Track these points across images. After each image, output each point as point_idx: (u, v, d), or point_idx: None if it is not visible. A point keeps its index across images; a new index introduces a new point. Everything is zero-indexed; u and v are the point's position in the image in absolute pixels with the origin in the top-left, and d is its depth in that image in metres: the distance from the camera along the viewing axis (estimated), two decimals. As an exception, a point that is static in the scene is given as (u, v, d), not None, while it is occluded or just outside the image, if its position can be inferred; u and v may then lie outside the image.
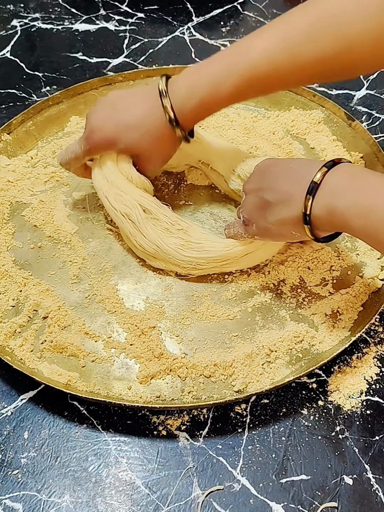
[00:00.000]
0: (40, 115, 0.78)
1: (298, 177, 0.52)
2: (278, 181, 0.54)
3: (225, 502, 0.49)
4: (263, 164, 0.59)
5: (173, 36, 0.97)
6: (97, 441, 0.53)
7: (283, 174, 0.54)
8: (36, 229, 0.67)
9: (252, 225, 0.57)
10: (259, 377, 0.55)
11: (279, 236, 0.57)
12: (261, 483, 0.50)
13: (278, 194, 0.54)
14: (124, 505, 0.49)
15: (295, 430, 0.53)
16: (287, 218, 0.53)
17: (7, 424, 0.54)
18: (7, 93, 0.87)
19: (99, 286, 0.62)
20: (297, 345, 0.57)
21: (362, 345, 0.59)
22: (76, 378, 0.55)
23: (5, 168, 0.72)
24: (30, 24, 0.99)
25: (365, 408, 0.54)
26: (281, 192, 0.53)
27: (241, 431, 0.53)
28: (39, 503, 0.49)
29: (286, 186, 0.53)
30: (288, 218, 0.53)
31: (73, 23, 1.00)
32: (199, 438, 0.53)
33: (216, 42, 0.96)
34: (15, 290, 0.61)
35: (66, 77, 0.89)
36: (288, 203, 0.52)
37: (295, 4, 0.58)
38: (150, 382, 0.55)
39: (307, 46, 0.54)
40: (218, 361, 0.56)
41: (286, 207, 0.53)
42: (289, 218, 0.53)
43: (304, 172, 0.52)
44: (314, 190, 0.50)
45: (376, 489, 0.50)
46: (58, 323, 0.59)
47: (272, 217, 0.54)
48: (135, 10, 1.02)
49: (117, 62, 0.92)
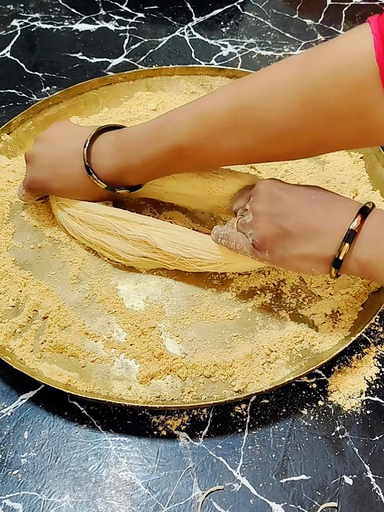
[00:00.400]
0: (40, 115, 0.78)
1: (329, 217, 0.51)
2: (301, 213, 0.52)
3: (225, 502, 0.49)
4: (271, 186, 0.56)
5: (173, 36, 0.97)
6: (97, 441, 0.53)
7: (306, 206, 0.52)
8: (36, 230, 0.67)
9: (264, 251, 0.54)
10: (259, 377, 0.55)
11: (295, 268, 0.55)
12: (261, 483, 0.50)
13: (303, 228, 0.51)
14: (124, 505, 0.49)
15: (295, 430, 0.53)
16: (312, 255, 0.51)
17: (7, 424, 0.54)
18: (7, 93, 0.87)
19: (99, 286, 0.62)
20: (297, 345, 0.57)
21: (362, 345, 0.59)
22: (76, 378, 0.55)
23: (5, 168, 0.72)
24: (30, 24, 0.99)
25: (365, 408, 0.54)
26: (307, 227, 0.51)
27: (241, 431, 0.53)
28: (39, 503, 0.49)
29: (313, 221, 0.51)
30: (313, 255, 0.51)
31: (73, 23, 1.00)
32: (199, 438, 0.53)
33: (216, 42, 0.96)
34: (15, 290, 0.61)
35: (66, 77, 0.89)
36: (317, 241, 0.51)
37: (294, 4, 0.58)
38: (150, 382, 0.55)
39: (226, 136, 0.54)
40: (218, 361, 0.56)
41: (314, 245, 0.51)
42: (315, 255, 0.51)
43: (336, 214, 0.51)
44: (351, 238, 0.49)
45: (376, 489, 0.50)
46: (58, 323, 0.59)
47: (295, 250, 0.52)
48: (135, 10, 1.02)
49: (117, 62, 0.92)
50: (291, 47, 0.95)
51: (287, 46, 0.95)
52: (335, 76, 0.48)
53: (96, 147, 0.61)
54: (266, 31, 0.98)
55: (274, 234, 0.53)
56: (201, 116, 0.55)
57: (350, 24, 0.99)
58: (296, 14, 1.00)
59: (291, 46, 0.95)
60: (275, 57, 0.93)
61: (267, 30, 0.98)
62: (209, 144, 0.55)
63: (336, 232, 0.50)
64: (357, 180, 0.71)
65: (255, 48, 0.95)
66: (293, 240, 0.52)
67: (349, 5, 1.03)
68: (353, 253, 0.50)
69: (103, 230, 0.62)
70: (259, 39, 0.96)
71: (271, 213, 0.53)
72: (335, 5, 1.03)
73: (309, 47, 0.94)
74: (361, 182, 0.71)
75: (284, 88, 0.50)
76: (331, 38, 0.95)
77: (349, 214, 0.50)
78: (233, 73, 0.82)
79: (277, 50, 0.94)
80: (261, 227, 0.54)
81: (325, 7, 1.02)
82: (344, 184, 0.71)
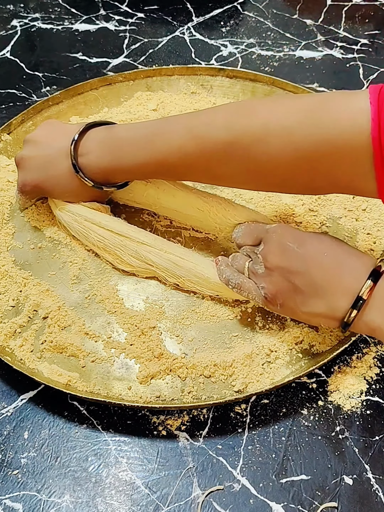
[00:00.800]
0: (40, 115, 0.78)
1: (340, 277, 0.50)
2: (312, 270, 0.51)
3: (225, 502, 0.49)
4: (284, 237, 0.54)
5: (173, 36, 0.97)
6: (97, 441, 0.53)
7: (319, 265, 0.52)
8: (36, 230, 0.67)
9: (276, 304, 0.54)
10: (259, 377, 0.55)
11: (305, 321, 0.56)
12: (261, 483, 0.50)
13: (314, 287, 0.51)
14: (124, 505, 0.49)
15: (295, 430, 0.53)
16: (321, 313, 0.51)
17: (7, 424, 0.54)
18: (7, 93, 0.87)
19: (99, 286, 0.62)
20: (297, 345, 0.57)
21: (362, 345, 0.59)
22: (76, 378, 0.55)
23: (5, 168, 0.72)
24: (30, 24, 0.99)
25: (365, 408, 0.54)
26: (318, 286, 0.51)
27: (241, 431, 0.53)
28: (39, 503, 0.49)
29: (324, 281, 0.51)
30: (323, 314, 0.51)
31: (73, 23, 1.00)
32: (199, 438, 0.53)
33: (216, 42, 0.96)
34: (15, 290, 0.61)
35: (66, 77, 0.89)
36: (327, 301, 0.51)
37: (294, 4, 0.58)
38: (150, 382, 0.55)
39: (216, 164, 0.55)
40: (218, 361, 0.56)
41: (324, 305, 0.51)
42: (323, 314, 0.51)
43: (348, 275, 0.50)
44: (360, 305, 0.49)
45: (376, 489, 0.50)
46: (58, 323, 0.59)
47: (305, 308, 0.52)
48: (135, 10, 1.02)
49: (117, 62, 0.92)
50: (291, 47, 0.95)
51: (287, 46, 0.95)
52: (331, 145, 0.48)
53: (84, 144, 0.61)
54: (266, 31, 0.98)
55: (286, 289, 0.53)
56: (195, 138, 0.54)
57: (350, 24, 0.99)
58: (296, 14, 1.00)
59: (291, 46, 0.95)
60: (275, 57, 0.93)
61: (267, 30, 0.98)
62: (199, 167, 0.56)
63: (346, 295, 0.49)
64: (357, 180, 0.71)
65: (255, 48, 0.95)
66: (304, 297, 0.52)
67: (349, 5, 1.03)
68: (362, 318, 0.49)
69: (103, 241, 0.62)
70: (259, 39, 0.96)
71: (283, 268, 0.53)
72: (335, 5, 1.03)
73: (309, 47, 0.94)
74: (361, 182, 0.71)
75: (280, 137, 0.50)
76: (331, 38, 0.96)
77: (360, 275, 0.49)
78: (233, 73, 0.82)
79: (277, 50, 0.94)
80: (274, 282, 0.53)
81: (325, 7, 1.02)
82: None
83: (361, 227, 0.67)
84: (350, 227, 0.67)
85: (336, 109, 0.48)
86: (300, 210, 0.68)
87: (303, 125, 0.49)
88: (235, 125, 0.53)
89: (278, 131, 0.50)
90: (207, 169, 0.56)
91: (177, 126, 0.56)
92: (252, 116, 0.53)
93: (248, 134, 0.52)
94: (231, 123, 0.53)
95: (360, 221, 0.67)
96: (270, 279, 0.54)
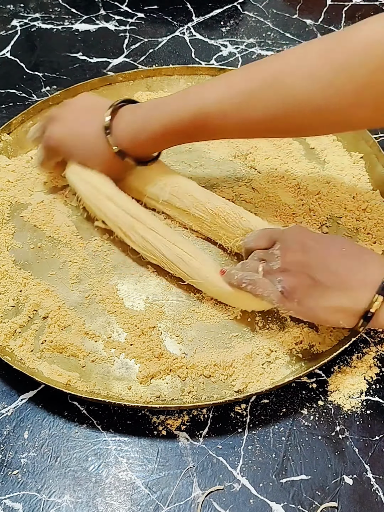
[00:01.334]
0: (40, 115, 0.78)
1: (361, 270, 0.51)
2: (332, 264, 0.51)
3: (225, 502, 0.49)
4: (302, 235, 0.55)
5: (173, 36, 0.97)
6: (97, 441, 0.53)
7: (338, 258, 0.52)
8: (36, 229, 0.67)
9: (294, 301, 0.52)
10: (259, 377, 0.55)
11: (322, 320, 0.53)
12: (261, 483, 0.50)
13: (335, 280, 0.51)
14: (124, 505, 0.49)
15: (295, 430, 0.53)
16: (343, 307, 0.51)
17: (7, 424, 0.54)
18: (7, 93, 0.87)
19: (99, 286, 0.62)
20: (297, 345, 0.57)
21: (362, 345, 0.59)
22: (76, 378, 0.55)
23: (5, 168, 0.72)
24: (30, 24, 0.99)
25: (365, 408, 0.54)
26: (339, 279, 0.51)
27: (241, 431, 0.53)
28: (39, 503, 0.49)
29: (345, 274, 0.51)
30: (344, 308, 0.51)
31: (73, 23, 1.00)
32: (199, 438, 0.53)
33: (216, 42, 0.96)
34: (15, 290, 0.61)
35: (66, 77, 0.90)
36: (348, 293, 0.50)
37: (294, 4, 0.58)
38: (150, 382, 0.55)
39: (250, 105, 0.55)
40: (218, 361, 0.56)
41: (345, 297, 0.50)
42: (345, 308, 0.51)
43: (368, 268, 0.51)
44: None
45: (376, 489, 0.50)
46: (58, 323, 0.59)
47: (326, 302, 0.51)
48: (135, 10, 1.02)
49: (117, 62, 0.92)
50: (291, 47, 0.95)
51: (287, 46, 0.95)
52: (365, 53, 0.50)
53: (118, 114, 0.62)
54: (266, 31, 0.98)
55: (305, 284, 0.51)
56: (228, 83, 0.56)
57: (350, 24, 0.99)
58: (296, 14, 1.01)
59: (291, 46, 0.95)
60: (275, 57, 0.93)
61: (267, 30, 0.98)
62: (233, 112, 0.56)
63: (368, 285, 0.50)
64: (357, 180, 0.71)
65: (255, 48, 0.95)
66: (324, 291, 0.51)
67: (349, 5, 1.03)
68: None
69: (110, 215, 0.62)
70: (259, 39, 0.96)
71: (303, 262, 0.52)
72: (335, 5, 1.03)
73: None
74: (361, 182, 0.71)
75: (317, 57, 0.53)
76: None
77: (380, 267, 0.50)
78: (233, 73, 0.82)
79: (277, 50, 0.94)
80: (292, 275, 0.52)
81: (325, 7, 1.02)
82: (344, 184, 0.71)
83: (361, 227, 0.67)
84: (350, 227, 0.67)
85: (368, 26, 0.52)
86: (300, 210, 0.68)
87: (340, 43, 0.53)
88: (270, 66, 0.57)
89: (315, 52, 0.54)
90: (241, 113, 0.56)
91: (213, 82, 0.59)
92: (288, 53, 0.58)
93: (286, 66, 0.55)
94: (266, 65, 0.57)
95: (360, 221, 0.67)
96: (288, 273, 0.53)
